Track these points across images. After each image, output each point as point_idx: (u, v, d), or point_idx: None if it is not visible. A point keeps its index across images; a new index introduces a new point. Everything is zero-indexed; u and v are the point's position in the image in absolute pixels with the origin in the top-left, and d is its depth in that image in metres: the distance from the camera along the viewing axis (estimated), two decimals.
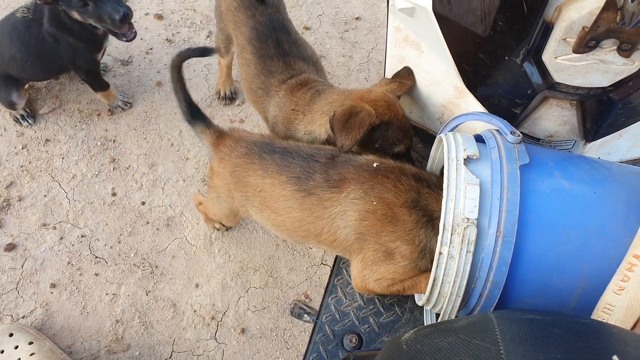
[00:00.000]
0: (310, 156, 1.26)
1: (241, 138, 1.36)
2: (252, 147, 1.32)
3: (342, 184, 1.20)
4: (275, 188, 1.26)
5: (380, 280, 1.21)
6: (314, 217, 1.22)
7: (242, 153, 1.32)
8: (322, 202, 1.21)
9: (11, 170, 2.00)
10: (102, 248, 1.87)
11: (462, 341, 0.68)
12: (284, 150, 1.29)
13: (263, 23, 1.61)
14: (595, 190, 1.04)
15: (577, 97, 1.14)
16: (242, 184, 1.33)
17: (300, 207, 1.24)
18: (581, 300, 1.01)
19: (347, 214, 1.18)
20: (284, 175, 1.25)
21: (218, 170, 1.38)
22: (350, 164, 1.23)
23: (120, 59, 2.30)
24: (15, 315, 1.74)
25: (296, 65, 1.59)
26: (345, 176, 1.20)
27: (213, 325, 1.75)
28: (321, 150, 1.29)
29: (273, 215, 1.30)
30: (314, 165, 1.24)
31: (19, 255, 1.83)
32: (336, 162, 1.25)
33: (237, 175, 1.33)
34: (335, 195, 1.19)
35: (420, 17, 1.25)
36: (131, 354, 1.70)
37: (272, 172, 1.27)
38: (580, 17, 0.93)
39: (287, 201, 1.25)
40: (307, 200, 1.22)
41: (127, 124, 2.13)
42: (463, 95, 1.36)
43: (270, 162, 1.28)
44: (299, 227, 1.26)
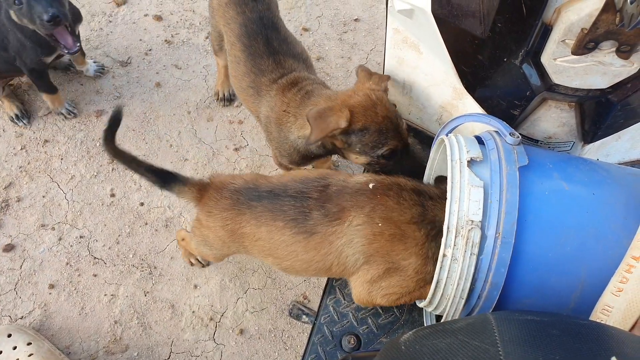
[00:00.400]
0: (300, 194, 1.20)
1: (223, 187, 1.27)
2: (237, 196, 1.24)
3: (342, 214, 1.15)
4: (274, 235, 1.20)
5: (389, 295, 1.19)
6: (322, 255, 1.18)
7: (228, 205, 1.24)
8: (326, 239, 1.16)
9: (10, 171, 1.99)
10: (100, 249, 1.86)
11: (460, 342, 0.68)
12: (271, 193, 1.22)
13: (253, 20, 1.60)
14: (594, 192, 1.04)
15: (575, 98, 1.14)
16: (237, 235, 1.26)
17: (305, 249, 1.18)
18: (580, 302, 1.01)
19: (354, 241, 1.15)
20: (279, 221, 1.18)
21: (207, 224, 1.29)
22: (345, 192, 1.18)
23: (119, 60, 2.30)
24: (13, 315, 1.73)
25: (286, 64, 1.57)
26: (344, 206, 1.16)
27: (211, 326, 1.75)
28: (309, 183, 1.22)
29: (278, 261, 1.25)
30: (308, 203, 1.18)
31: (17, 256, 1.83)
32: (329, 193, 1.19)
33: (230, 229, 1.26)
34: (339, 228, 1.15)
35: (419, 18, 1.25)
36: (129, 354, 1.69)
37: (265, 220, 1.20)
38: (579, 19, 0.94)
39: (289, 246, 1.20)
40: (310, 240, 1.17)
41: (125, 125, 2.13)
42: (462, 97, 1.36)
43: (260, 210, 1.21)
44: (308, 267, 1.22)
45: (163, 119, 2.16)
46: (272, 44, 1.59)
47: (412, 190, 1.16)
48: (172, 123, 2.15)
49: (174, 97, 2.22)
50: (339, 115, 1.32)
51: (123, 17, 2.43)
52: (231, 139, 2.12)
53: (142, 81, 2.25)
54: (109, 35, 2.37)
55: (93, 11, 2.44)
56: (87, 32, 2.36)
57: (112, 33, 2.38)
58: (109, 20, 2.42)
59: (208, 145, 2.10)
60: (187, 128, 2.14)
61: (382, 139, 1.36)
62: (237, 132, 2.14)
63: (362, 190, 1.17)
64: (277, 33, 1.61)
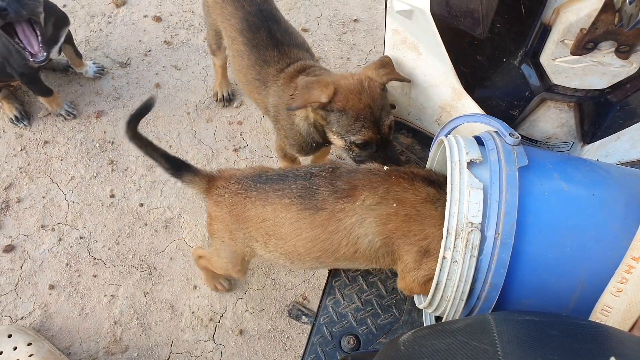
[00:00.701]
0: (308, 174, 1.20)
1: (232, 176, 1.29)
2: (245, 181, 1.25)
3: (353, 192, 1.14)
4: (279, 213, 1.19)
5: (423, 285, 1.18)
6: (328, 233, 1.17)
7: (236, 190, 1.26)
8: (334, 215, 1.15)
9: (10, 172, 1.99)
10: (100, 249, 1.86)
11: (459, 342, 0.68)
12: (279, 175, 1.23)
13: (253, 13, 1.61)
14: (593, 192, 1.04)
15: (574, 99, 1.14)
16: (242, 220, 1.26)
17: (311, 226, 1.17)
18: (579, 302, 1.01)
19: (367, 221, 1.14)
20: (285, 198, 1.18)
21: (216, 214, 1.31)
22: (357, 171, 1.18)
23: (118, 61, 2.30)
24: (14, 316, 1.73)
25: (291, 53, 1.59)
26: (355, 184, 1.15)
27: (211, 326, 1.75)
28: (319, 166, 1.23)
29: (280, 242, 1.24)
30: (316, 181, 1.18)
31: (17, 257, 1.83)
32: (340, 173, 1.19)
33: (235, 213, 1.26)
34: (349, 205, 1.14)
35: (418, 19, 1.25)
36: (129, 355, 1.69)
37: (271, 199, 1.20)
38: (578, 19, 0.94)
39: (294, 223, 1.18)
40: (317, 217, 1.16)
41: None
42: (461, 97, 1.36)
43: (267, 190, 1.21)
44: (312, 247, 1.21)
45: (162, 119, 2.16)
46: (275, 35, 1.60)
47: (424, 178, 1.16)
48: (171, 124, 2.15)
49: (174, 98, 2.22)
50: (323, 90, 1.34)
51: (122, 18, 2.43)
52: (230, 140, 2.12)
53: (142, 82, 2.25)
54: (108, 37, 2.37)
55: (92, 12, 2.44)
56: (86, 33, 2.36)
57: (112, 34, 2.38)
58: (109, 21, 2.42)
59: (207, 146, 2.10)
60: (186, 129, 2.14)
61: (357, 126, 1.37)
62: (237, 133, 2.14)
63: (376, 170, 1.18)
64: (278, 24, 1.63)
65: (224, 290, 1.79)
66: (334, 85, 1.34)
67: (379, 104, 1.37)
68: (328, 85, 1.34)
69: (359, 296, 1.45)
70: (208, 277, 1.75)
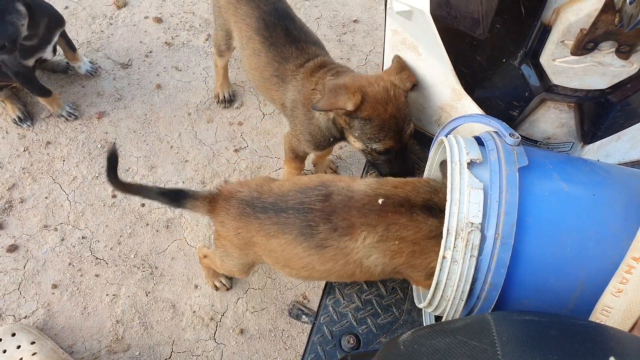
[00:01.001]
0: (301, 204, 1.17)
1: (231, 196, 1.27)
2: (244, 207, 1.23)
3: (351, 230, 1.12)
4: (285, 247, 1.19)
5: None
6: (341, 265, 1.17)
7: (237, 214, 1.24)
8: (340, 252, 1.14)
9: (13, 173, 2.00)
10: (102, 249, 1.87)
11: (459, 342, 0.68)
12: (274, 205, 1.20)
13: (268, 12, 1.64)
14: (594, 193, 1.04)
15: (575, 99, 1.14)
16: (250, 244, 1.26)
17: (321, 261, 1.17)
18: (579, 302, 1.01)
19: (373, 256, 1.14)
20: (287, 234, 1.17)
21: (223, 233, 1.31)
22: (352, 205, 1.14)
23: (120, 62, 2.30)
24: (17, 315, 1.74)
25: (309, 50, 1.61)
26: (353, 222, 1.12)
27: (212, 325, 1.76)
28: (309, 192, 1.18)
29: (295, 271, 1.24)
30: (311, 216, 1.15)
31: (21, 256, 1.84)
32: (333, 204, 1.15)
33: (242, 237, 1.26)
34: (351, 244, 1.13)
35: (418, 19, 1.26)
36: (131, 354, 1.70)
37: (274, 233, 1.19)
38: (578, 20, 0.94)
39: (303, 259, 1.18)
40: (324, 253, 1.16)
41: (127, 127, 2.14)
42: (461, 98, 1.37)
43: (267, 222, 1.20)
44: (329, 275, 1.22)
45: (164, 120, 2.16)
46: (292, 33, 1.62)
47: (423, 205, 1.12)
48: (172, 124, 2.16)
49: (174, 99, 2.22)
50: (350, 98, 1.34)
51: (124, 19, 2.44)
52: (231, 141, 2.13)
53: (143, 83, 2.26)
54: (109, 38, 2.38)
55: (94, 14, 2.45)
56: (88, 34, 2.37)
57: (113, 35, 2.38)
58: (110, 23, 2.42)
59: (208, 147, 2.11)
60: (187, 129, 2.14)
61: (381, 135, 1.38)
62: (237, 134, 2.15)
63: (370, 205, 1.13)
64: (293, 22, 1.66)
65: (224, 289, 1.79)
66: (361, 93, 1.35)
67: (403, 114, 1.38)
68: (355, 93, 1.34)
69: (358, 296, 1.45)
70: (209, 275, 1.76)
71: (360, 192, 1.16)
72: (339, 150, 2.13)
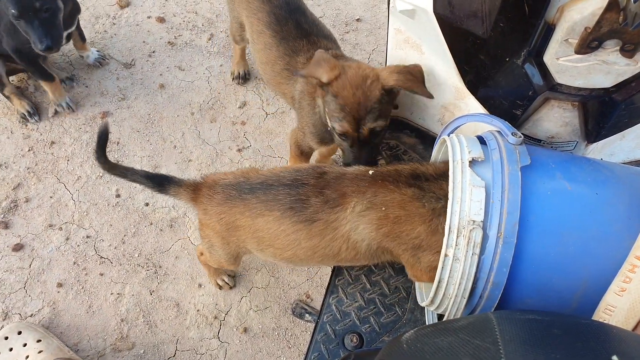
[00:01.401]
0: (294, 181, 1.19)
1: (215, 183, 1.28)
2: (230, 190, 1.25)
3: (343, 200, 1.15)
4: (271, 225, 1.20)
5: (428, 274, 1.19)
6: (327, 241, 1.18)
7: (221, 199, 1.25)
8: (329, 225, 1.16)
9: (18, 172, 2.02)
10: (106, 248, 1.88)
11: (462, 341, 0.69)
12: (264, 183, 1.22)
13: (280, 6, 1.65)
14: (597, 192, 1.04)
15: (579, 98, 1.14)
16: (233, 229, 1.27)
17: (308, 236, 1.18)
18: (583, 301, 1.01)
19: (360, 227, 1.15)
20: (275, 210, 1.18)
21: (206, 221, 1.32)
22: (345, 177, 1.18)
23: (123, 62, 2.31)
24: (23, 313, 1.75)
25: (321, 43, 1.62)
26: (344, 191, 1.15)
27: (216, 324, 1.76)
28: (304, 172, 1.21)
29: (279, 251, 1.25)
30: (305, 190, 1.17)
31: (26, 255, 1.85)
32: (327, 179, 1.19)
33: (225, 222, 1.26)
34: (341, 214, 1.15)
35: (421, 18, 1.26)
36: (136, 352, 1.71)
37: (261, 211, 1.20)
38: (582, 18, 0.94)
39: (290, 235, 1.19)
40: (312, 227, 1.17)
41: (130, 127, 2.14)
42: (464, 97, 1.37)
43: (254, 202, 1.21)
44: (313, 254, 1.22)
45: (167, 120, 2.17)
46: (303, 27, 1.63)
47: (410, 175, 1.16)
48: (175, 124, 2.16)
49: (178, 99, 2.23)
50: (327, 71, 1.37)
51: (127, 19, 2.45)
52: (234, 140, 2.13)
53: (146, 83, 2.27)
54: (112, 38, 2.38)
55: (97, 13, 2.46)
56: (91, 34, 2.38)
57: (116, 35, 2.39)
58: (113, 23, 2.43)
59: (212, 146, 2.11)
60: (190, 129, 2.15)
61: (340, 116, 1.39)
62: (240, 133, 2.15)
63: (362, 175, 1.18)
64: (305, 16, 1.66)
65: (227, 288, 1.80)
66: (339, 71, 1.37)
67: (369, 106, 1.37)
68: (334, 68, 1.37)
69: (362, 295, 1.46)
70: (210, 274, 1.77)
71: (353, 169, 1.22)
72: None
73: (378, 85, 1.37)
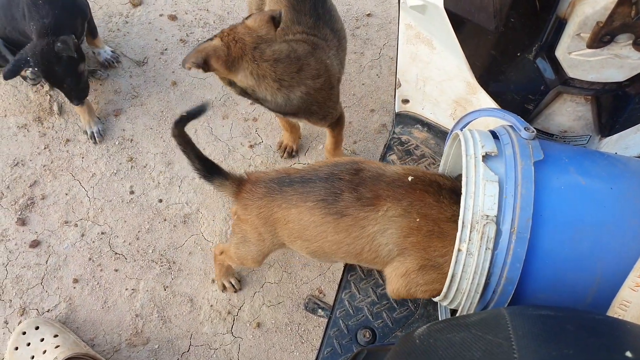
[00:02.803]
0: (330, 175, 1.21)
1: (258, 179, 1.31)
2: (271, 184, 1.27)
3: (376, 201, 1.15)
4: (303, 216, 1.21)
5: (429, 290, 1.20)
6: (352, 238, 1.19)
7: (262, 193, 1.28)
8: (357, 222, 1.16)
9: (34, 170, 2.05)
10: (121, 245, 1.91)
11: (474, 336, 0.69)
12: (302, 177, 1.24)
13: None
14: (612, 186, 1.03)
15: (591, 92, 1.13)
16: (269, 223, 1.29)
17: (335, 230, 1.19)
18: (597, 297, 1.01)
19: (388, 231, 1.15)
20: (308, 201, 1.20)
21: (244, 217, 1.33)
22: (382, 179, 1.18)
23: (136, 60, 2.33)
24: (40, 309, 1.79)
25: (323, 30, 1.63)
26: (379, 193, 1.16)
27: (229, 319, 1.78)
28: (340, 166, 1.23)
29: (306, 243, 1.26)
30: (339, 185, 1.18)
31: (43, 252, 1.89)
32: (363, 177, 1.19)
33: (263, 216, 1.29)
34: (371, 214, 1.15)
35: (432, 14, 1.25)
36: (150, 347, 1.74)
37: (295, 202, 1.22)
38: (594, 12, 0.93)
39: (319, 227, 1.20)
40: (341, 222, 1.18)
41: (143, 124, 2.17)
42: (476, 92, 1.36)
43: (291, 193, 1.23)
44: (337, 249, 1.23)
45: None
46: (317, 9, 1.65)
47: (451, 189, 1.16)
48: None
49: (190, 96, 2.25)
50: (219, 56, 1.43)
51: (139, 17, 2.47)
52: (246, 136, 2.15)
53: (159, 80, 2.29)
54: (125, 36, 2.41)
55: (110, 12, 2.48)
56: (105, 33, 2.41)
57: (129, 33, 2.41)
58: (126, 21, 2.45)
59: (224, 143, 2.13)
60: (203, 126, 2.17)
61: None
62: (252, 129, 2.16)
63: (400, 181, 1.18)
64: (324, 2, 1.69)
65: (232, 290, 1.81)
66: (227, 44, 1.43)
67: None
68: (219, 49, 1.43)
69: (374, 290, 1.46)
70: (220, 274, 1.78)
71: (391, 170, 1.21)
72: (353, 144, 2.13)
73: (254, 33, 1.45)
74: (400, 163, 1.64)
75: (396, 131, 1.70)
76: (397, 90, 1.65)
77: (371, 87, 2.29)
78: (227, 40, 1.44)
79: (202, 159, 1.34)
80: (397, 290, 1.24)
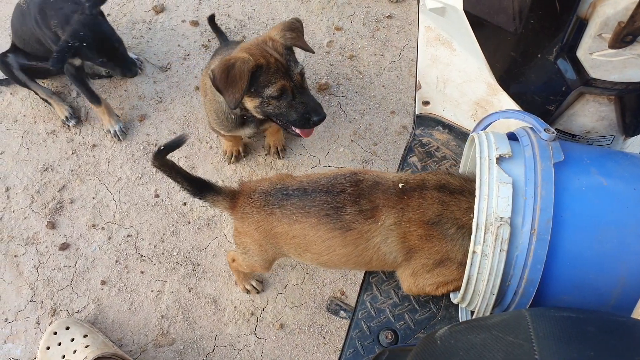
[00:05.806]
0: (331, 188, 1.21)
1: (253, 191, 1.30)
2: (267, 197, 1.27)
3: (375, 212, 1.18)
4: (308, 232, 1.22)
5: (435, 284, 1.23)
6: (360, 250, 1.21)
7: (259, 207, 1.27)
8: (363, 235, 1.18)
9: (63, 175, 2.12)
10: (147, 247, 1.96)
11: (495, 338, 0.70)
12: (300, 190, 1.24)
13: None
14: (635, 187, 1.02)
15: (614, 92, 1.11)
16: (270, 236, 1.29)
17: (343, 244, 1.21)
18: (621, 298, 1.00)
19: (389, 240, 1.18)
20: (312, 217, 1.20)
21: (243, 230, 1.34)
22: (378, 188, 1.20)
23: (159, 66, 2.39)
24: (70, 310, 1.85)
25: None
26: (377, 204, 1.18)
27: (253, 320, 1.81)
28: (341, 179, 1.23)
29: (315, 256, 1.27)
30: (341, 198, 1.19)
31: (72, 254, 1.95)
32: (363, 188, 1.21)
33: (263, 230, 1.29)
34: (373, 226, 1.18)
35: (451, 16, 1.26)
36: (176, 347, 1.78)
37: (298, 217, 1.22)
38: (615, 13, 0.92)
39: (326, 242, 1.22)
40: (347, 236, 1.19)
41: (167, 128, 2.22)
42: (496, 93, 1.36)
43: (291, 208, 1.23)
44: (347, 261, 1.25)
45: (203, 121, 2.23)
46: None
47: (435, 187, 1.17)
48: None
49: None
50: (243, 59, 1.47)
51: (162, 24, 2.53)
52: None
53: (182, 85, 2.34)
54: (149, 42, 2.47)
55: (134, 19, 2.54)
56: (129, 39, 2.47)
57: (152, 40, 2.47)
58: (149, 28, 2.51)
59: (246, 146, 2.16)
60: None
61: (271, 79, 1.50)
62: None
63: (393, 189, 1.20)
64: None
65: (254, 292, 1.84)
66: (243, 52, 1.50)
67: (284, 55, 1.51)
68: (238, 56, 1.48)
69: (396, 292, 1.47)
70: (239, 279, 1.81)
71: (387, 179, 1.23)
72: (373, 146, 2.14)
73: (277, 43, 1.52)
74: (421, 165, 1.64)
75: (417, 133, 1.70)
76: (418, 92, 1.65)
77: (391, 88, 2.29)
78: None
79: (190, 180, 1.34)
80: (408, 288, 1.28)
